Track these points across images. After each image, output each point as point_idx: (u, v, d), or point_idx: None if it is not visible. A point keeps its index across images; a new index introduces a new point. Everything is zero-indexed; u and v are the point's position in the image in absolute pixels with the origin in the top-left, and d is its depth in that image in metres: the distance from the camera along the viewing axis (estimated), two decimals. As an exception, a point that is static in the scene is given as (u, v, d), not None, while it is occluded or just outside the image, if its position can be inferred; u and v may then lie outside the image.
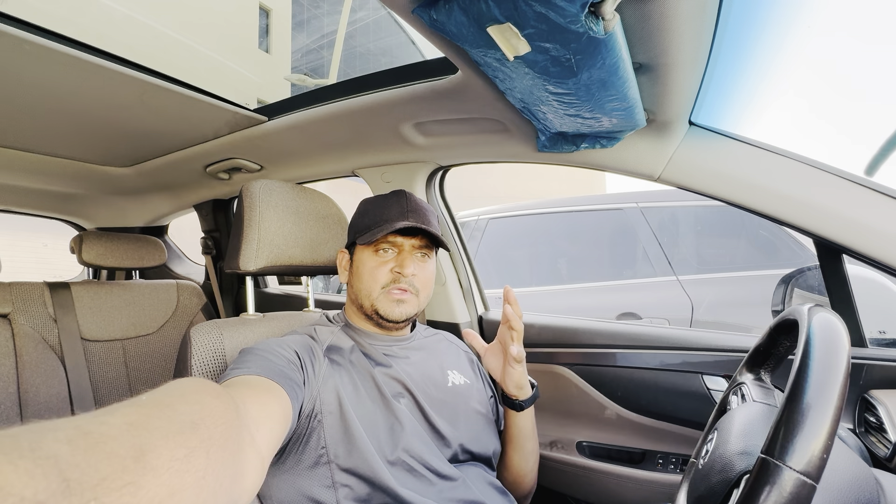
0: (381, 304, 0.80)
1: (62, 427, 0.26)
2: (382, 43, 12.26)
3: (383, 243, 0.81)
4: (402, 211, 0.81)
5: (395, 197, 0.84)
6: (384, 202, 0.84)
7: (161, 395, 0.36)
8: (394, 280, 0.80)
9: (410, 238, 0.82)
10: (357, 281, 0.83)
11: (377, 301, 0.80)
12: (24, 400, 1.24)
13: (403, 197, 0.84)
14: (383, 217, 0.81)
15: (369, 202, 0.87)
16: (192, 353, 0.77)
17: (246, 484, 0.41)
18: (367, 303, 0.81)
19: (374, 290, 0.80)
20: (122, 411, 0.31)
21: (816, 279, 1.21)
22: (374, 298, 0.80)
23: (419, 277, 0.82)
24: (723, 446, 0.54)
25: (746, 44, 0.67)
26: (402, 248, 0.82)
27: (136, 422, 0.30)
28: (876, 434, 0.74)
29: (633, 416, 1.07)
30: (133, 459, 0.27)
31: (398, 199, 0.83)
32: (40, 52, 0.79)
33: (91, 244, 1.47)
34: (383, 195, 0.86)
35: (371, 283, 0.80)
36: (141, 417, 0.31)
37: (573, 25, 0.49)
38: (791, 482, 0.37)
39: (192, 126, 1.17)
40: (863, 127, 6.74)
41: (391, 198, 0.84)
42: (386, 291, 0.80)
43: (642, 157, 0.92)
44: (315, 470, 0.68)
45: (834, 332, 0.45)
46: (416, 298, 0.81)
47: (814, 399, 0.39)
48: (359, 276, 0.82)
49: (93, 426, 0.28)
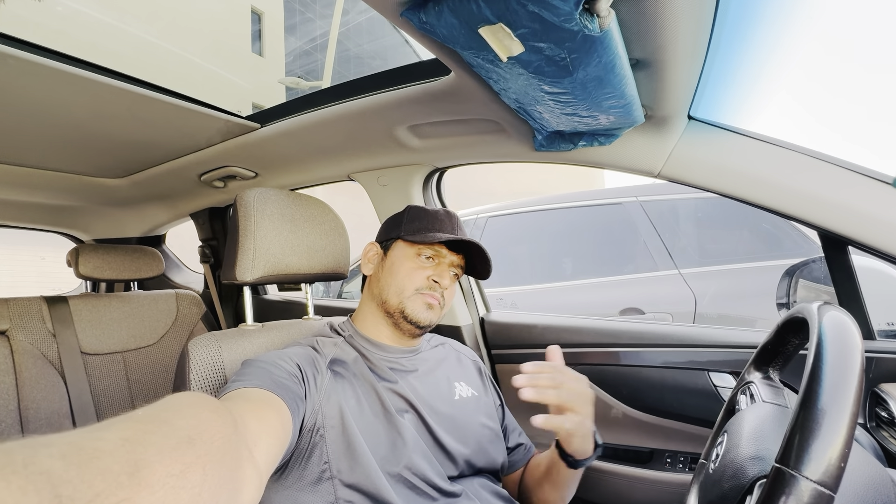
0: (412, 304, 0.79)
1: (56, 442, 0.26)
2: (377, 44, 12.22)
3: (428, 249, 0.82)
4: (454, 228, 0.84)
5: (446, 214, 0.86)
6: (436, 215, 0.85)
7: (157, 409, 0.35)
8: (429, 287, 0.80)
9: (454, 254, 0.84)
10: (389, 276, 0.82)
11: (407, 301, 0.79)
12: (24, 417, 1.22)
13: (454, 217, 0.86)
14: (436, 227, 0.82)
15: (421, 210, 0.87)
16: (190, 367, 0.76)
17: (243, 499, 0.41)
18: (395, 300, 0.80)
19: (406, 289, 0.79)
20: (116, 426, 0.30)
21: (821, 271, 1.20)
22: (405, 297, 0.79)
23: (449, 292, 0.83)
24: (734, 450, 0.52)
25: (745, 35, 0.65)
26: (443, 260, 0.83)
27: (132, 437, 0.30)
28: (888, 429, 0.73)
29: (640, 415, 1.05)
30: (127, 475, 0.27)
31: (448, 217, 0.86)
32: (31, 68, 0.78)
33: (88, 257, 1.45)
34: (429, 207, 0.87)
35: (406, 281, 0.80)
36: (136, 433, 0.30)
37: (567, 24, 0.47)
38: (808, 493, 0.35)
39: (184, 135, 1.16)
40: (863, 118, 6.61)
41: (441, 213, 0.86)
42: (418, 293, 0.79)
43: (642, 154, 0.91)
44: (318, 486, 0.66)
45: (846, 333, 0.43)
46: (440, 311, 0.82)
47: (828, 405, 0.38)
48: (393, 272, 0.81)
49: (87, 441, 0.27)
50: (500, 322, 1.26)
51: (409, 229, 0.83)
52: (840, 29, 26.85)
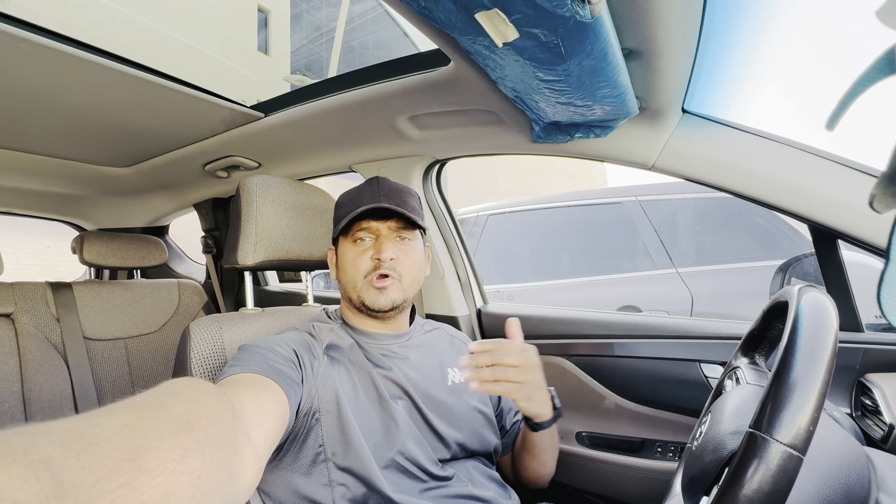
0: (366, 294, 0.77)
1: (56, 429, 0.26)
2: (377, 36, 12.25)
3: (359, 231, 0.79)
4: (374, 195, 0.79)
5: (367, 184, 0.82)
6: (357, 191, 0.82)
7: (155, 395, 0.36)
8: (374, 267, 0.77)
9: (386, 221, 0.79)
10: (342, 274, 0.81)
11: (362, 292, 0.78)
12: (28, 399, 1.25)
13: (375, 182, 0.81)
14: (356, 205, 0.78)
15: (344, 194, 0.84)
16: (191, 348, 0.77)
17: (242, 483, 0.41)
18: (354, 294, 0.79)
19: (357, 281, 0.78)
20: (116, 412, 0.31)
21: (813, 266, 1.21)
22: (360, 289, 0.78)
23: (401, 261, 0.78)
24: (715, 427, 0.54)
25: (734, 29, 0.67)
26: (379, 233, 0.79)
27: (131, 423, 0.30)
28: (872, 417, 0.75)
29: (632, 406, 1.07)
30: (127, 461, 0.27)
31: (370, 185, 0.81)
32: (38, 52, 0.80)
33: (92, 244, 1.48)
34: (358, 185, 0.85)
35: (354, 273, 0.78)
36: (135, 419, 0.31)
37: (559, 10, 0.49)
38: (778, 455, 0.37)
39: (189, 124, 1.18)
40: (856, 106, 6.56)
41: (363, 185, 0.82)
42: (368, 281, 0.77)
43: (636, 146, 0.93)
44: (312, 468, 0.68)
45: (822, 310, 0.45)
46: (399, 284, 0.78)
47: (801, 374, 0.39)
48: (342, 269, 0.81)
49: (87, 428, 0.28)
50: (497, 314, 1.28)
51: (337, 219, 0.82)
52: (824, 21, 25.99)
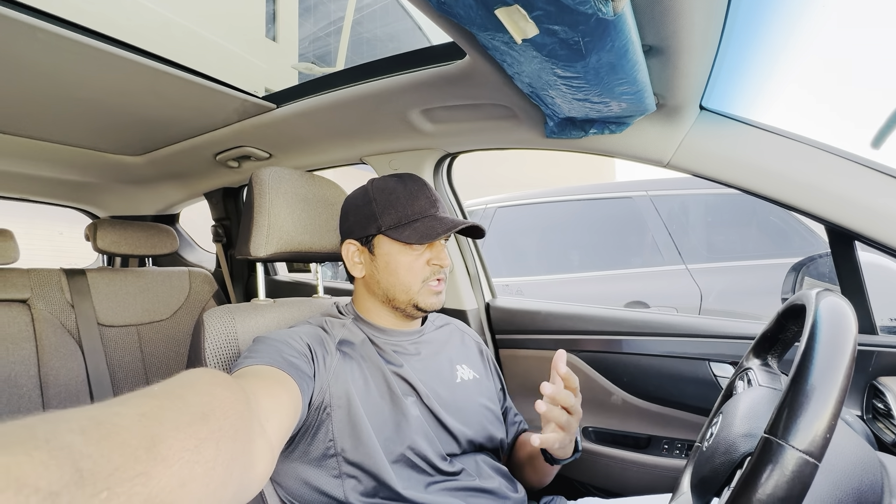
0: (422, 297, 0.79)
1: (75, 417, 0.27)
2: (389, 28, 12.11)
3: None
4: (431, 201, 0.79)
5: (416, 186, 0.80)
6: (407, 193, 0.79)
7: (172, 385, 0.36)
8: (433, 273, 0.79)
9: None
10: (389, 276, 0.78)
11: (418, 295, 0.78)
12: (45, 382, 1.28)
13: (425, 185, 0.81)
14: (415, 210, 0.77)
15: (388, 192, 0.79)
16: (205, 338, 0.78)
17: (256, 473, 0.42)
18: (405, 297, 0.78)
19: (413, 285, 0.78)
20: (134, 402, 0.31)
21: (827, 266, 1.20)
22: (415, 293, 0.78)
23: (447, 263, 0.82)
24: (727, 429, 0.54)
25: (759, 25, 0.66)
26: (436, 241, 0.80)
27: (148, 412, 0.31)
28: (883, 420, 0.74)
29: (640, 403, 1.07)
30: (145, 450, 0.27)
31: (422, 189, 0.80)
32: (53, 41, 0.80)
33: (105, 232, 1.49)
34: (399, 181, 0.81)
35: (410, 278, 0.78)
36: (153, 408, 0.31)
37: (582, 7, 0.49)
38: (793, 461, 0.37)
39: (201, 114, 1.18)
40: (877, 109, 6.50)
41: (412, 187, 0.80)
42: (425, 285, 0.78)
43: (652, 143, 0.91)
44: (323, 461, 0.69)
45: (841, 315, 0.44)
46: (445, 286, 0.82)
47: (818, 380, 0.39)
48: (391, 271, 0.78)
49: (105, 416, 0.28)
50: (506, 308, 1.28)
51: (388, 223, 0.77)
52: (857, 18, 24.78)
